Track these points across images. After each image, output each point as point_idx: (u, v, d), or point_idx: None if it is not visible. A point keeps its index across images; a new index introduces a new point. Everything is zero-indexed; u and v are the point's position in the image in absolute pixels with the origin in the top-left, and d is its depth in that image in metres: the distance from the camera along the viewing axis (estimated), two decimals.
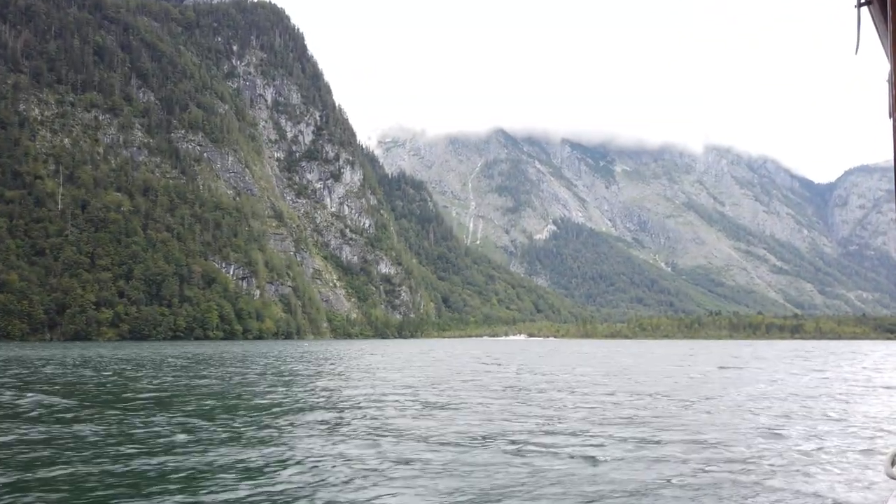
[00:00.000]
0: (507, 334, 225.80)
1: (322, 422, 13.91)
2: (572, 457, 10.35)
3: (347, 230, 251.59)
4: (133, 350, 62.05)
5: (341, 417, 14.63)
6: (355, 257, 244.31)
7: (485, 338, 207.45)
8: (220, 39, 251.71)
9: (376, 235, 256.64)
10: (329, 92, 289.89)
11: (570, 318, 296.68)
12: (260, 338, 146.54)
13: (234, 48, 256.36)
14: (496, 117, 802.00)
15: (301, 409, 16.02)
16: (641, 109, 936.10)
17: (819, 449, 11.18)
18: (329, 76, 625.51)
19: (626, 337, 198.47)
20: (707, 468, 9.52)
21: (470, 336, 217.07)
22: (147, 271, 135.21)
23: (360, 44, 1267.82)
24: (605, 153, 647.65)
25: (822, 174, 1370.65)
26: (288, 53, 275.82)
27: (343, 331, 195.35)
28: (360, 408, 16.23)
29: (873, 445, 11.60)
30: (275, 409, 15.77)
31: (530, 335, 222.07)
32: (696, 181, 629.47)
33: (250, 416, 14.35)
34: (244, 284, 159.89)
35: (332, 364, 38.47)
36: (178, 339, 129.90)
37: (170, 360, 39.27)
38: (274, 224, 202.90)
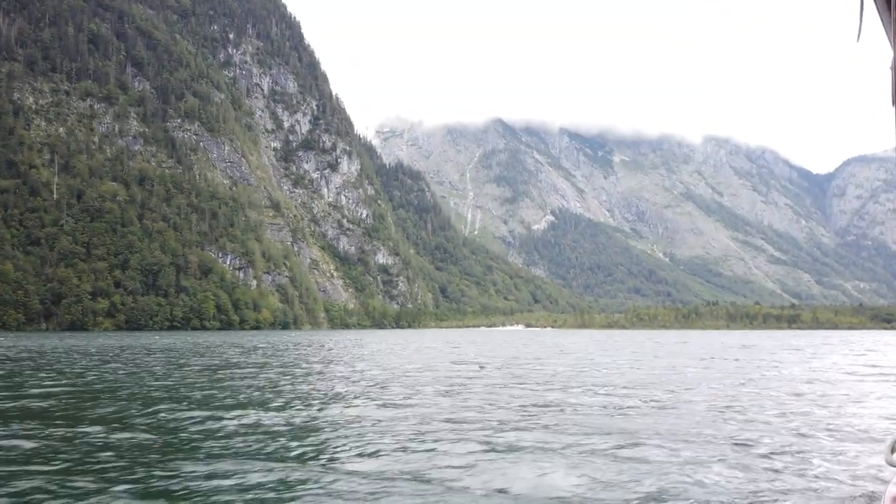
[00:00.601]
0: (504, 325, 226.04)
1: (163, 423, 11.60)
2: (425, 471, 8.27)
3: (345, 220, 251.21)
4: (113, 340, 60.60)
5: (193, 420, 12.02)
6: (353, 247, 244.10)
7: (482, 328, 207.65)
8: (216, 28, 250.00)
9: (374, 226, 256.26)
10: (326, 81, 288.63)
11: (567, 308, 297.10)
12: (257, 328, 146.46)
13: (231, 36, 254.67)
14: (494, 107, 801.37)
15: (163, 409, 13.20)
16: (640, 99, 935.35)
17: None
18: (326, 66, 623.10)
19: (624, 327, 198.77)
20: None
21: (467, 326, 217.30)
22: (143, 261, 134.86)
23: (357, 33, 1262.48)
24: (604, 143, 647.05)
25: (821, 164, 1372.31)
26: (284, 42, 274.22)
27: (340, 321, 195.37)
28: (231, 408, 13.53)
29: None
30: (127, 412, 12.77)
31: (528, 325, 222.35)
32: (695, 171, 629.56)
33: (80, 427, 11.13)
34: (241, 274, 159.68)
35: (290, 355, 36.33)
36: (175, 329, 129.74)
37: (125, 353, 36.80)
38: (271, 214, 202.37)
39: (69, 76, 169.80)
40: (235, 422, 11.81)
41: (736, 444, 10.03)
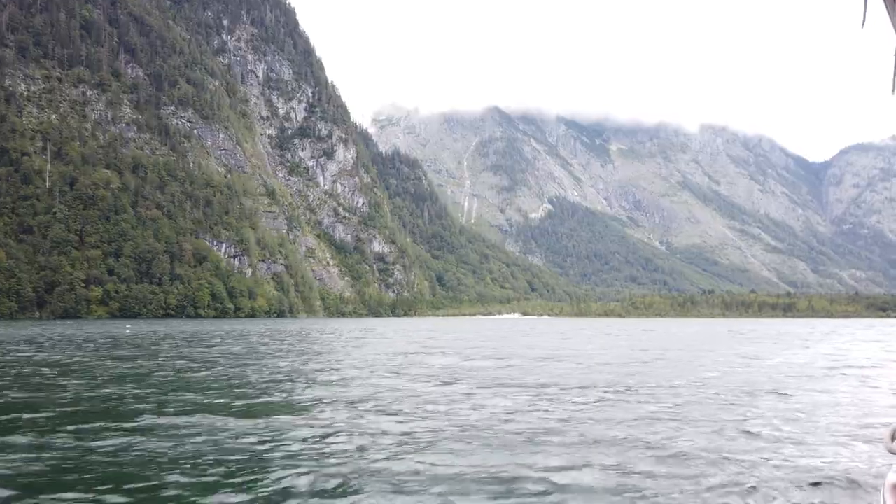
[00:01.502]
0: (500, 313, 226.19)
1: None
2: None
3: (340, 208, 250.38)
4: (72, 330, 59.24)
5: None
6: (348, 236, 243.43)
7: (479, 316, 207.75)
8: (210, 14, 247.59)
9: (370, 214, 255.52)
10: (321, 68, 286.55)
11: (564, 296, 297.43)
12: (252, 316, 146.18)
13: (225, 23, 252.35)
14: (491, 95, 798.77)
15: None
16: (637, 87, 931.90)
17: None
18: (322, 53, 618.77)
19: (620, 315, 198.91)
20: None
21: (464, 315, 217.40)
22: (137, 249, 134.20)
23: (353, 20, 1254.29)
24: (601, 131, 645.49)
25: (818, 152, 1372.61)
26: (279, 29, 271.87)
27: (336, 309, 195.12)
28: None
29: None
30: None
31: (524, 314, 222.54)
32: (692, 160, 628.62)
33: None
34: (236, 262, 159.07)
35: (241, 344, 34.37)
36: (170, 317, 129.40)
37: (70, 341, 35.47)
38: (266, 202, 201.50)
39: (61, 63, 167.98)
40: None
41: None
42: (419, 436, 9.65)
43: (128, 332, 54.70)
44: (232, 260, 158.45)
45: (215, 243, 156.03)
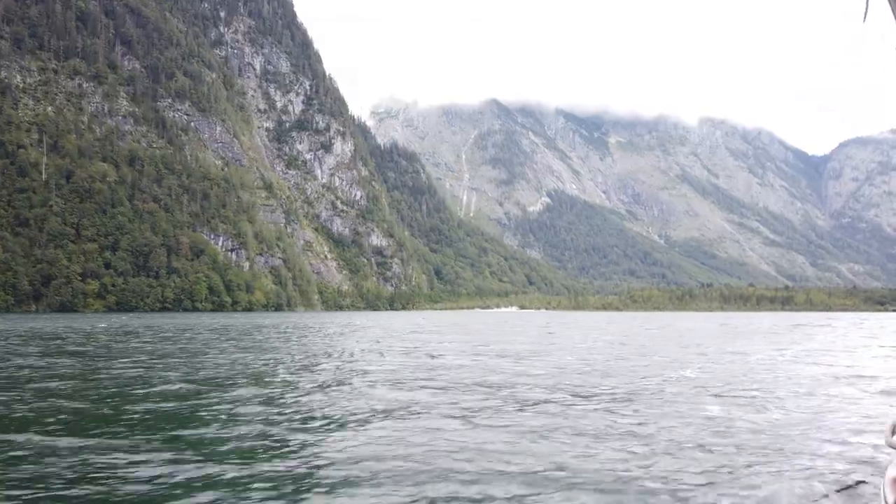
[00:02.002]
0: (498, 306, 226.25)
1: None
2: None
3: (338, 202, 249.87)
4: (43, 324, 58.48)
5: None
6: (346, 229, 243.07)
7: (476, 310, 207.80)
8: (206, 6, 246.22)
9: (368, 207, 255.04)
10: (319, 61, 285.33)
11: (562, 290, 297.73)
12: (250, 309, 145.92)
13: (222, 15, 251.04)
14: (490, 88, 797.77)
15: None
16: (636, 80, 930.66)
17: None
18: (320, 45, 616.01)
19: (618, 309, 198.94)
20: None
21: (461, 308, 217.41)
22: (134, 242, 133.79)
23: (350, 12, 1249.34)
24: (600, 124, 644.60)
25: (817, 146, 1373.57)
26: (277, 21, 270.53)
27: (334, 303, 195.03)
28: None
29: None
30: None
31: (522, 307, 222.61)
32: (691, 153, 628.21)
33: None
34: (233, 256, 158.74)
35: (207, 341, 32.71)
36: (167, 310, 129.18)
37: (31, 337, 34.34)
38: (263, 195, 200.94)
39: (57, 54, 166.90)
40: None
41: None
42: (308, 464, 7.85)
43: (102, 326, 54.24)
44: (229, 253, 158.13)
45: (212, 237, 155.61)
